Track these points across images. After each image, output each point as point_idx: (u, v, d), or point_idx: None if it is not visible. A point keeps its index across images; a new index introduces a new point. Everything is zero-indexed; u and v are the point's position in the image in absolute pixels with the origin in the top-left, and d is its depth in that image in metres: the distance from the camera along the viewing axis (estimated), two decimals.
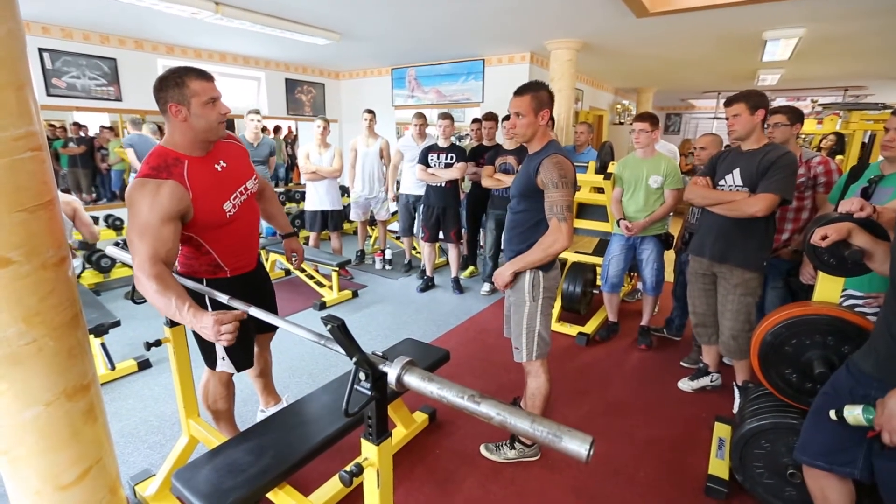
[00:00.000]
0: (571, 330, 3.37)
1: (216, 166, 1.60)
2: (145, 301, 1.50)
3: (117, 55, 4.83)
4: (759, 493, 1.83)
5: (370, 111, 4.64)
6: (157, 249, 1.39)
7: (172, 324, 1.73)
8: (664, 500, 1.91)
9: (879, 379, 1.27)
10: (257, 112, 4.43)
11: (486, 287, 4.27)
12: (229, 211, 1.62)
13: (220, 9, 3.72)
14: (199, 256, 1.65)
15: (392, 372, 0.99)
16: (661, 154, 3.01)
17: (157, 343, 1.68)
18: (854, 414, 1.30)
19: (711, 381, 2.70)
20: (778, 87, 8.58)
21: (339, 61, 6.64)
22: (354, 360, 1.01)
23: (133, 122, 4.89)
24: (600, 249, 3.45)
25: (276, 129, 7.48)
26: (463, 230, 4.44)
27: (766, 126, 2.62)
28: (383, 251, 5.10)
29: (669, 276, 3.36)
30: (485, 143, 4.29)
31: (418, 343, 2.36)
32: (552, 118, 4.52)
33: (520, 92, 1.85)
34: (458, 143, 4.22)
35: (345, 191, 6.19)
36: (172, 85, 1.44)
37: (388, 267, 5.07)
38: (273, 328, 2.05)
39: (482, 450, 2.15)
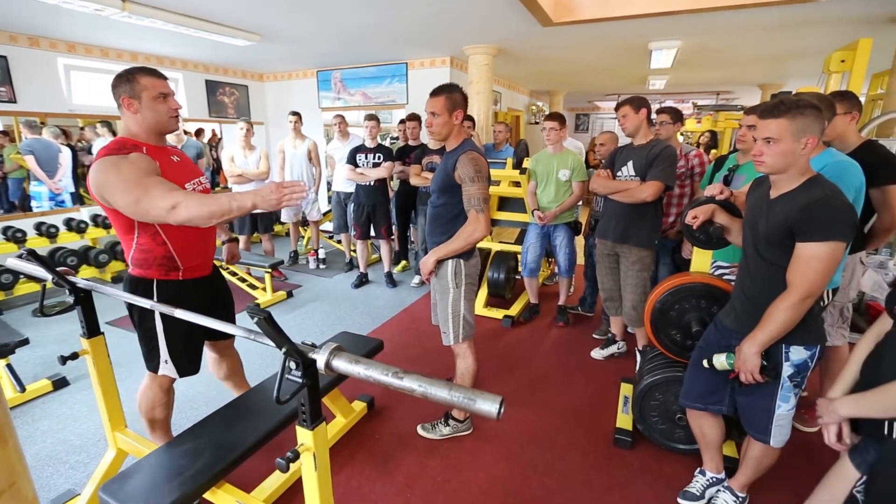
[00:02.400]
0: (498, 314, 3.51)
1: (172, 158, 1.63)
2: (58, 312, 1.38)
3: (8, 52, 4.27)
4: (655, 438, 2.04)
5: (295, 113, 4.50)
6: (163, 182, 1.39)
7: (90, 334, 1.60)
8: (580, 455, 2.07)
9: (737, 331, 1.48)
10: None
11: (417, 279, 4.33)
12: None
13: (128, 6, 3.42)
14: (153, 248, 1.58)
15: (321, 358, 1.00)
16: (568, 150, 3.22)
17: (74, 356, 1.54)
18: (720, 361, 1.50)
19: (618, 349, 2.95)
20: (665, 91, 9.41)
21: (262, 63, 6.34)
22: (284, 350, 1.01)
23: (29, 125, 4.36)
24: (521, 239, 3.62)
25: (199, 132, 7.00)
26: (393, 226, 4.46)
27: (653, 124, 2.90)
28: (317, 251, 4.98)
29: (581, 259, 3.61)
30: (410, 142, 4.33)
31: (353, 335, 2.36)
32: (472, 118, 4.63)
33: (435, 93, 1.90)
34: (385, 144, 4.23)
35: None
36: (124, 81, 1.50)
37: (322, 266, 4.96)
38: (228, 334, 1.95)
39: (419, 430, 2.20)
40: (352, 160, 4.00)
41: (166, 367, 1.69)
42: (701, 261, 1.97)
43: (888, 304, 1.09)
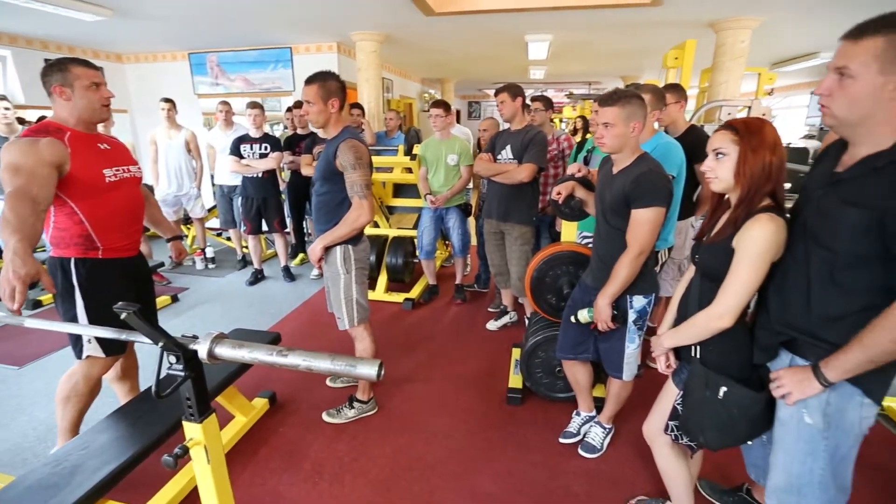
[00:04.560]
0: (398, 297, 3.60)
1: (99, 145, 1.66)
2: None
3: None
4: (541, 391, 2.30)
5: (168, 100, 4.07)
6: (30, 184, 1.40)
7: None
8: (478, 417, 2.26)
9: (595, 287, 1.73)
10: (3, 98, 3.49)
11: (316, 271, 4.24)
12: (109, 177, 1.64)
13: None
14: (70, 227, 1.60)
15: (202, 348, 0.99)
16: (455, 136, 3.38)
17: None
18: (583, 315, 1.74)
19: (510, 319, 3.21)
20: (545, 80, 10.15)
21: (119, 42, 5.59)
22: (160, 344, 0.98)
23: None
24: (418, 224, 3.73)
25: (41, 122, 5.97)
26: (287, 219, 4.29)
27: (531, 111, 3.17)
28: (203, 250, 4.60)
29: (475, 239, 3.83)
30: (299, 131, 4.18)
31: (247, 331, 2.28)
32: (361, 106, 4.60)
33: (308, 81, 1.88)
34: (272, 133, 4.02)
35: (149, 190, 5.35)
36: (56, 70, 1.56)
37: (211, 266, 4.60)
38: None
39: (324, 416, 2.21)
40: (236, 151, 3.75)
41: (90, 348, 1.65)
42: (568, 232, 2.24)
43: (692, 254, 1.37)
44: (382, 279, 3.71)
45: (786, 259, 1.13)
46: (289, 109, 4.41)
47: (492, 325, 3.20)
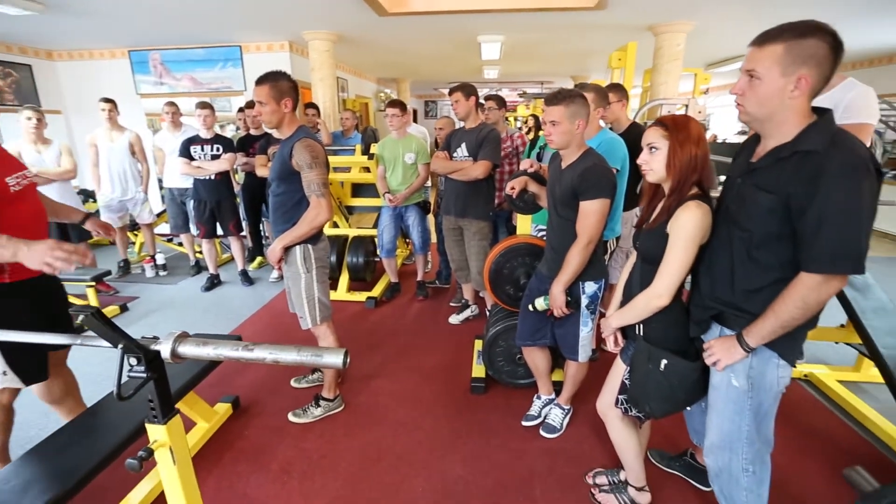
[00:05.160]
0: (361, 296, 3.61)
1: None
2: None
3: None
4: (503, 379, 2.39)
5: (108, 100, 3.85)
6: None
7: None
8: (444, 407, 2.32)
9: (549, 276, 1.83)
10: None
11: (276, 274, 4.16)
12: (13, 186, 1.47)
13: None
14: None
15: (165, 348, 0.99)
16: (412, 135, 3.41)
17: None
18: (539, 303, 1.84)
19: (472, 312, 3.30)
20: (499, 80, 10.36)
21: (51, 38, 5.22)
22: (121, 347, 0.97)
23: None
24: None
25: None
26: (243, 222, 4.19)
27: (485, 109, 3.26)
28: (153, 257, 4.40)
29: (434, 236, 3.88)
30: (252, 132, 4.08)
31: (205, 335, 2.22)
32: (316, 106, 4.55)
33: (259, 81, 1.86)
34: (223, 134, 3.91)
35: (89, 195, 5.05)
36: None
37: (162, 273, 4.41)
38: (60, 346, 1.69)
39: (290, 417, 2.20)
40: (186, 153, 3.62)
41: (6, 379, 1.48)
42: (523, 225, 2.35)
43: (633, 241, 1.49)
44: (344, 279, 3.70)
45: (712, 241, 1.26)
46: (240, 110, 4.30)
47: (454, 319, 3.27)
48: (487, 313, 3.07)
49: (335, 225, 3.83)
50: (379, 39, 5.60)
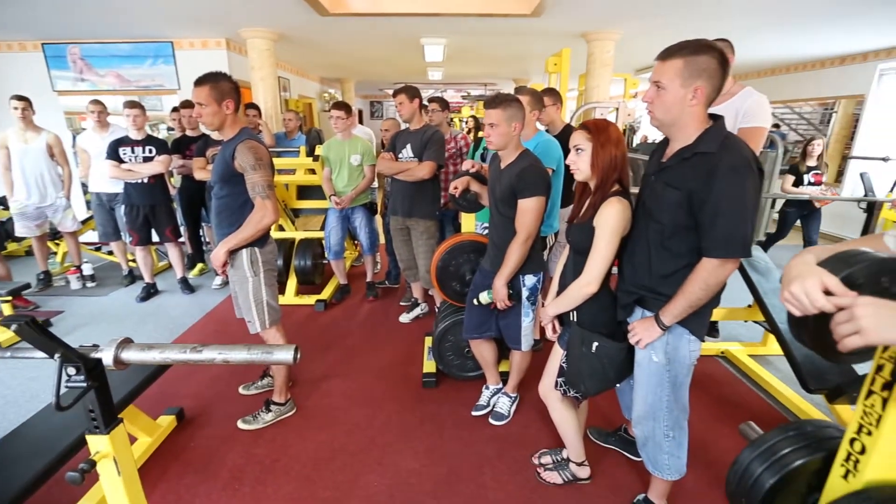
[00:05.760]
0: (310, 300, 3.56)
1: None
2: None
3: None
4: (454, 372, 2.47)
5: (22, 98, 3.53)
6: None
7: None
8: (396, 403, 2.36)
9: (492, 271, 1.93)
10: None
11: (219, 280, 4.01)
12: None
13: None
14: None
15: (107, 354, 0.98)
16: (357, 136, 3.42)
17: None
18: (483, 297, 1.93)
19: (422, 310, 3.36)
20: (443, 81, 10.48)
21: None
22: (58, 356, 0.95)
23: None
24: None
25: None
26: (181, 227, 3.99)
27: (428, 111, 3.33)
28: (79, 267, 4.09)
29: (382, 237, 3.91)
30: (188, 133, 3.90)
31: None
32: (257, 106, 4.43)
33: (198, 83, 1.82)
34: (156, 135, 3.71)
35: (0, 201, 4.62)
36: None
37: (90, 284, 4.11)
38: None
39: (240, 424, 2.16)
40: (114, 155, 3.40)
41: None
42: (467, 223, 2.44)
43: (566, 235, 1.61)
44: (292, 283, 3.63)
45: (633, 233, 1.40)
46: (175, 109, 4.10)
47: (404, 318, 3.32)
48: (437, 311, 3.15)
49: (281, 228, 3.75)
50: (322, 39, 5.53)
